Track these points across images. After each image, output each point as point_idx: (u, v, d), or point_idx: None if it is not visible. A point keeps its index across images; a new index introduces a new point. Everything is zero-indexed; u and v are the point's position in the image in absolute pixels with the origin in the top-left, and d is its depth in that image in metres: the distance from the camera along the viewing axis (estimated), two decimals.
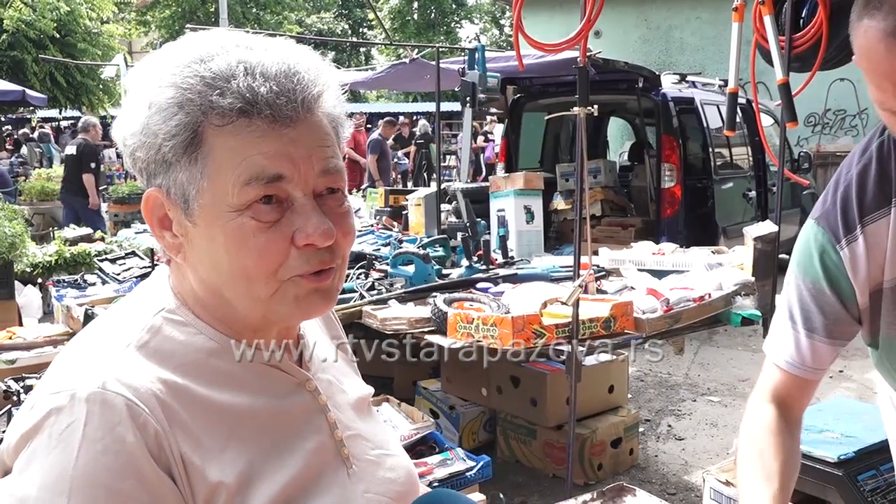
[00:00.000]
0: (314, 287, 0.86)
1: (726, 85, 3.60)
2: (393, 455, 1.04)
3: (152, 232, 0.89)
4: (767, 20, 3.23)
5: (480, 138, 16.03)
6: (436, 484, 2.49)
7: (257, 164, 0.81)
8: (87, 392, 0.77)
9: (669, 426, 4.32)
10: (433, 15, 32.56)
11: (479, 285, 3.49)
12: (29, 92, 13.32)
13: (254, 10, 27.27)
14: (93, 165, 7.90)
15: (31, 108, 17.44)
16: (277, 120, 0.81)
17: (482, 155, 16.06)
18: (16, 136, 19.08)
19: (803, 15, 3.36)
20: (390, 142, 13.47)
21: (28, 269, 6.23)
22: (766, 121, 6.97)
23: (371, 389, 1.11)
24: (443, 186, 5.25)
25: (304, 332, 1.01)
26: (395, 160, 14.67)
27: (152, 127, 0.82)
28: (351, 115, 0.96)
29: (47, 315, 6.22)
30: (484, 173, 14.66)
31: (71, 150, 9.08)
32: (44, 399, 0.79)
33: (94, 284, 5.90)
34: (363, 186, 10.02)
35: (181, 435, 0.81)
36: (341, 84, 0.90)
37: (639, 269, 3.53)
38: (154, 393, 0.80)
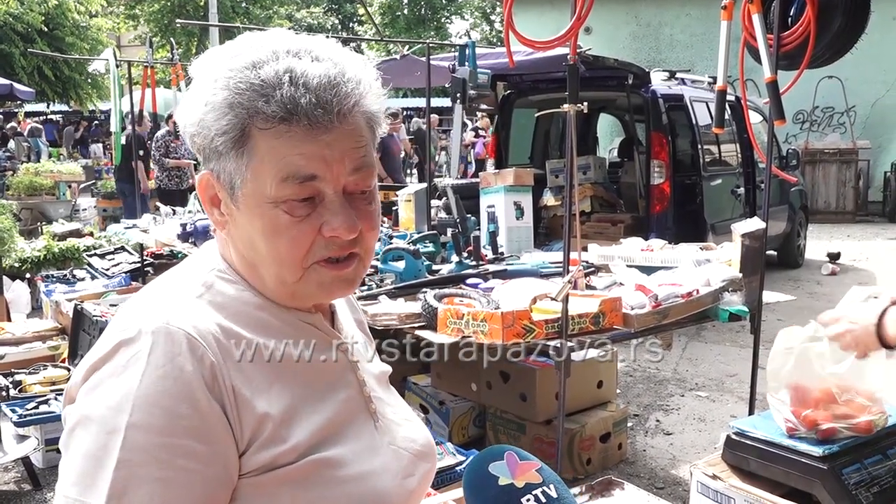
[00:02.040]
0: (336, 275, 0.97)
1: (715, 82, 3.61)
2: (413, 422, 1.14)
3: (204, 208, 1.00)
4: (756, 18, 3.24)
5: (470, 133, 16.02)
6: None
7: (294, 164, 0.90)
8: (154, 327, 0.88)
9: (658, 421, 4.36)
10: (423, 10, 32.51)
11: (469, 281, 3.50)
12: (17, 86, 13.25)
13: (243, 4, 27.12)
14: (141, 153, 8.35)
15: (18, 101, 17.31)
16: (314, 127, 0.90)
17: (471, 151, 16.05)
18: (3, 131, 18.90)
19: (791, 13, 3.38)
20: None
21: (16, 265, 6.20)
22: (754, 118, 7.01)
23: (389, 368, 1.20)
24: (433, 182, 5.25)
25: (334, 305, 1.11)
26: None
27: (206, 122, 0.92)
28: None
29: (36, 310, 6.19)
30: (474, 169, 14.67)
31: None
32: (114, 334, 0.90)
33: (83, 279, 5.89)
34: None
35: (233, 370, 0.91)
36: (381, 81, 0.98)
37: (628, 266, 3.54)
38: (211, 332, 0.91)
